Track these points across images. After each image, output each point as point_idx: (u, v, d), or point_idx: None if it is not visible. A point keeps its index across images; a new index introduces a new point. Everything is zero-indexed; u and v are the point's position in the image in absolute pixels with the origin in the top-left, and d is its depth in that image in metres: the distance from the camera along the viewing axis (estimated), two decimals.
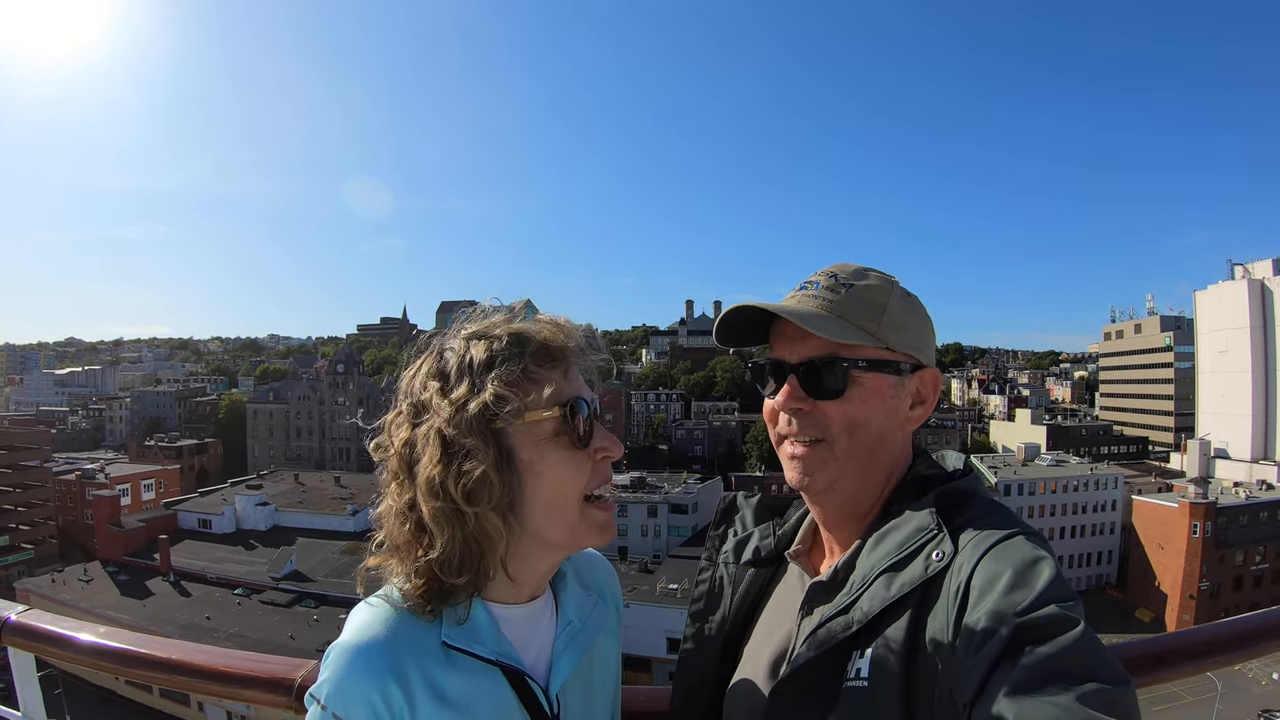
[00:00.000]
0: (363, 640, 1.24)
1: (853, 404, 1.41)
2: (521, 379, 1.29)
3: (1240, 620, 2.18)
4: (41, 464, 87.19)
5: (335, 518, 70.73)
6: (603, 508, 1.37)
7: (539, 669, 1.40)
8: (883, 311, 1.45)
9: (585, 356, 1.41)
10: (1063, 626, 1.06)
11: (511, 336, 1.33)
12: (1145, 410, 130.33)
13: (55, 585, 58.55)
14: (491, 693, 1.31)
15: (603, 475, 1.36)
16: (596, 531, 1.36)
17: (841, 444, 1.42)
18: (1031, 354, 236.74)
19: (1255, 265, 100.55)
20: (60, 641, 2.26)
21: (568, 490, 1.32)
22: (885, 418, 1.44)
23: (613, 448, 1.36)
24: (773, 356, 1.50)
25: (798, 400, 1.44)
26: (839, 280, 1.47)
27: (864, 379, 1.41)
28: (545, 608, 1.47)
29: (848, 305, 1.43)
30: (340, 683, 1.21)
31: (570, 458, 1.31)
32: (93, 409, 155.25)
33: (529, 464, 1.30)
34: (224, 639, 47.24)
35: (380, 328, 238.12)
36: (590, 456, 1.34)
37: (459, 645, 1.30)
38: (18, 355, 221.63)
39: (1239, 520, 68.30)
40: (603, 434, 1.36)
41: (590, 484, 1.34)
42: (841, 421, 1.41)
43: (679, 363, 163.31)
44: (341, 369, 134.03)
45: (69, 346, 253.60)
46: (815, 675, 1.30)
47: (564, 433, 1.31)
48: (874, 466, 1.45)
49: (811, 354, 1.43)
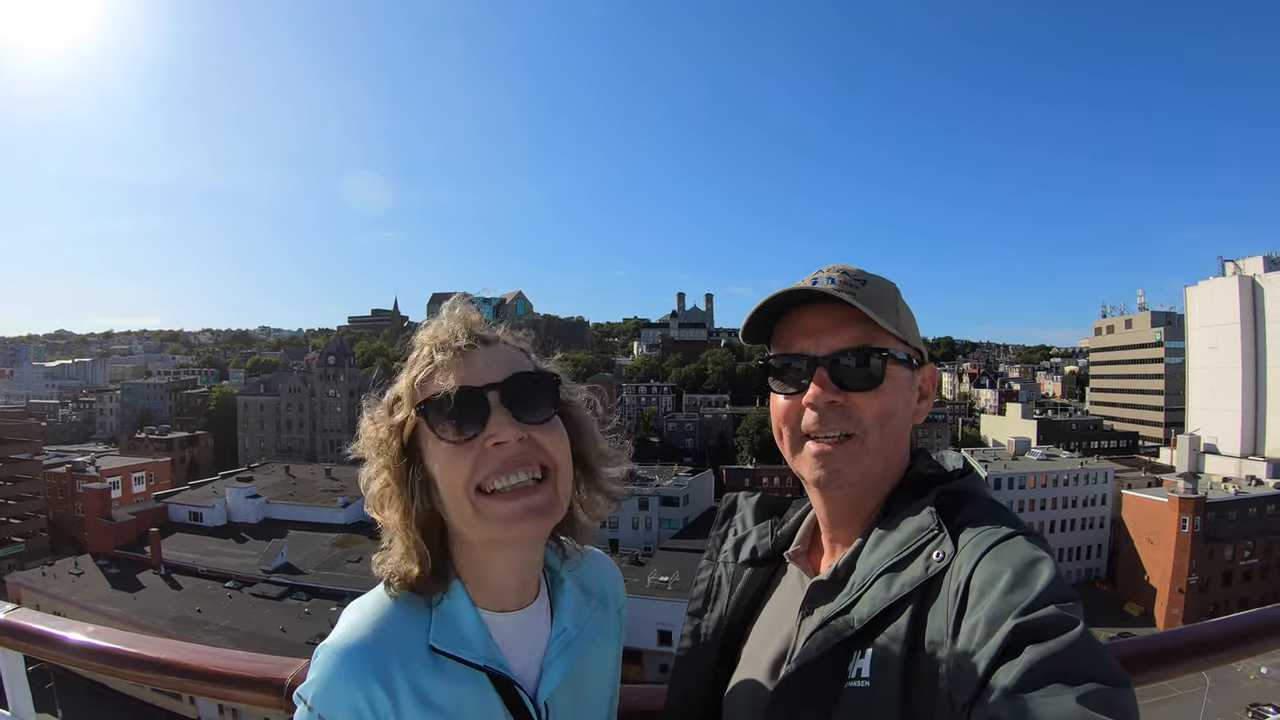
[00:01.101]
0: (350, 642, 1.24)
1: (886, 395, 1.41)
2: (410, 382, 1.33)
3: (1236, 619, 2.18)
4: (31, 457, 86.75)
5: (326, 510, 70.70)
6: (506, 498, 1.29)
7: (528, 676, 1.38)
8: (896, 306, 1.46)
9: (515, 342, 1.41)
10: (1062, 627, 1.06)
11: (433, 343, 1.35)
12: (1136, 405, 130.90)
13: (46, 579, 58.44)
14: (477, 698, 1.30)
15: (499, 464, 1.29)
16: (500, 525, 1.29)
17: (874, 437, 1.40)
18: (1022, 348, 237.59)
19: (1246, 261, 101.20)
20: (49, 641, 2.24)
21: (452, 485, 1.29)
22: (905, 410, 1.45)
23: (502, 433, 1.29)
24: (794, 351, 1.47)
25: (831, 394, 1.41)
26: (850, 276, 1.44)
27: (893, 370, 1.42)
28: (539, 614, 1.45)
29: (870, 297, 1.41)
30: (326, 684, 1.21)
31: (447, 451, 1.29)
32: (83, 401, 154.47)
33: (430, 466, 1.31)
34: (215, 632, 47.25)
35: (371, 319, 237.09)
36: (474, 447, 1.29)
37: (446, 650, 1.29)
38: (7, 347, 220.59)
39: (1228, 515, 68.90)
40: (500, 420, 1.29)
41: (477, 475, 1.28)
42: (875, 414, 1.40)
43: (670, 355, 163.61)
44: (332, 361, 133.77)
45: (59, 339, 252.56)
46: (816, 675, 1.29)
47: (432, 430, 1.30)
48: (896, 459, 1.45)
49: (844, 345, 1.41)
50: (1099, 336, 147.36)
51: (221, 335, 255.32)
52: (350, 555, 61.17)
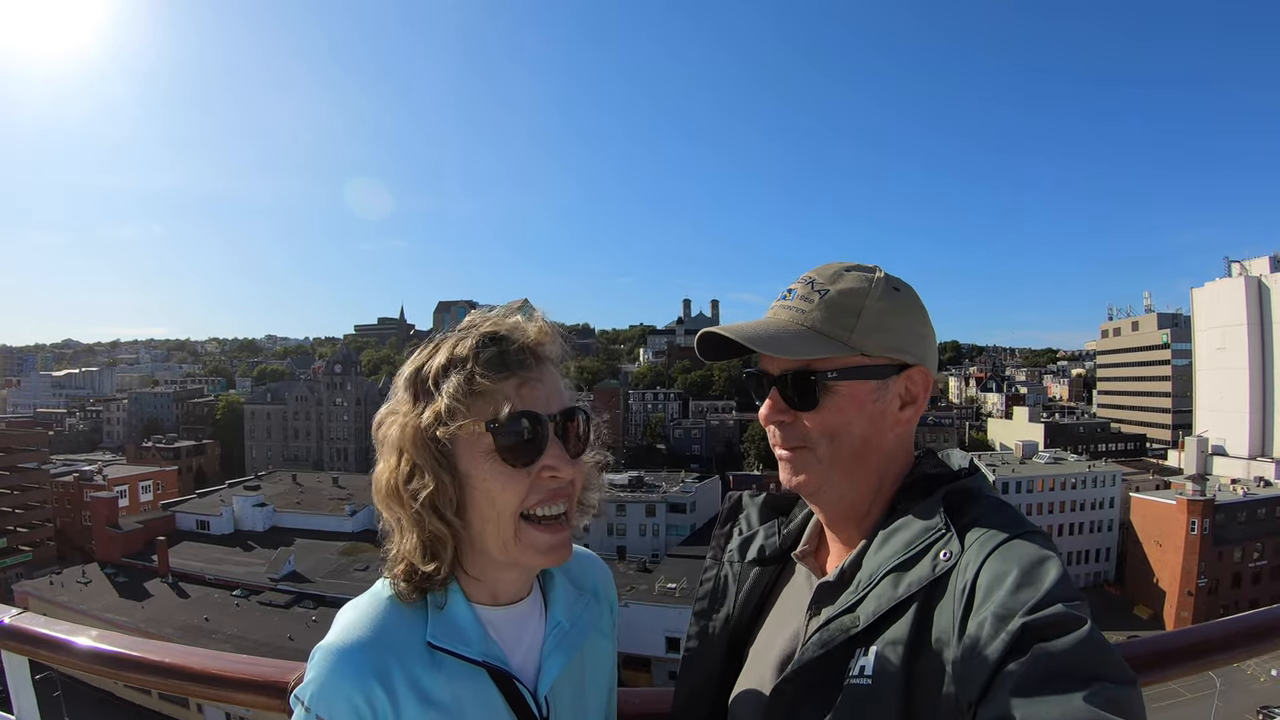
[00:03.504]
0: (347, 641, 1.24)
1: (829, 413, 1.41)
2: (466, 389, 1.26)
3: (1243, 618, 2.17)
4: (39, 466, 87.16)
5: (333, 518, 70.73)
6: (547, 529, 1.31)
7: (527, 671, 1.39)
8: (858, 316, 1.42)
9: (558, 362, 1.41)
10: (1069, 626, 1.05)
11: (482, 338, 1.30)
12: (1143, 407, 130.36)
13: (54, 587, 58.48)
14: (478, 694, 1.30)
15: (546, 494, 1.30)
16: (535, 553, 1.31)
17: (823, 449, 1.42)
18: (1029, 351, 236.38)
19: (1252, 262, 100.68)
20: (54, 645, 2.25)
21: (500, 507, 1.28)
22: (867, 422, 1.42)
23: (561, 468, 1.29)
24: (758, 368, 1.50)
25: (779, 412, 1.45)
26: (815, 287, 1.45)
27: (839, 388, 1.41)
28: (533, 609, 1.46)
29: (820, 315, 1.42)
30: (324, 684, 1.20)
31: (503, 472, 1.27)
32: (90, 410, 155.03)
33: (466, 475, 1.28)
34: (223, 640, 47.23)
35: (378, 328, 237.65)
36: (531, 474, 1.28)
37: (444, 646, 1.29)
38: (15, 357, 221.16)
39: (1237, 517, 68.42)
40: (556, 453, 1.30)
41: (528, 502, 1.29)
42: (819, 430, 1.41)
43: (676, 362, 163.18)
44: (339, 369, 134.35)
45: (66, 348, 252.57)
46: (818, 673, 1.29)
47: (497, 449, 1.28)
48: (863, 469, 1.44)
49: (785, 368, 1.43)
50: (1106, 339, 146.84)
51: (228, 344, 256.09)
52: (357, 563, 61.17)
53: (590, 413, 1.42)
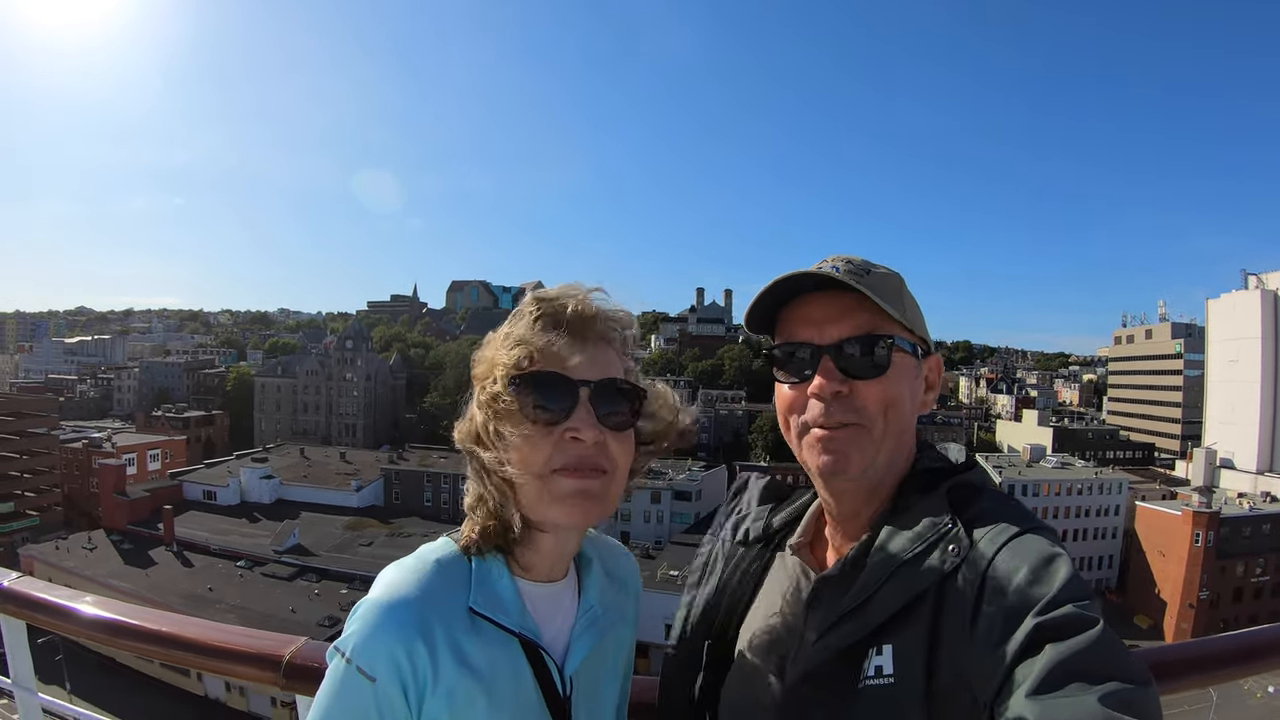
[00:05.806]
0: (394, 598, 1.25)
1: (890, 383, 1.38)
2: (508, 345, 1.32)
3: (1245, 635, 2.13)
4: (49, 431, 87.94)
5: (340, 493, 71.28)
6: (569, 475, 1.30)
7: (557, 647, 1.41)
8: (901, 294, 1.42)
9: (618, 344, 1.41)
10: (1082, 625, 1.04)
11: (539, 303, 1.35)
12: (1153, 416, 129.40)
13: (59, 552, 59.15)
14: (510, 663, 1.32)
15: (573, 458, 1.30)
16: (557, 502, 1.31)
17: (879, 426, 1.38)
18: (1040, 355, 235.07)
19: (1269, 275, 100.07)
20: (52, 610, 2.25)
21: (527, 464, 1.30)
22: (911, 399, 1.42)
23: (584, 430, 1.30)
24: (798, 340, 1.44)
25: (836, 383, 1.37)
26: (855, 265, 1.41)
27: (898, 358, 1.39)
28: (568, 589, 1.49)
29: (876, 284, 1.38)
30: (368, 637, 1.22)
31: (529, 432, 1.29)
32: (101, 378, 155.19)
33: (499, 432, 1.32)
34: (225, 610, 47.63)
35: (390, 305, 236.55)
36: (555, 435, 1.30)
37: (485, 612, 1.31)
38: (28, 323, 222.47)
39: (1241, 531, 68.25)
40: (584, 417, 1.31)
41: (550, 464, 1.30)
42: (880, 402, 1.37)
43: (687, 350, 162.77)
44: (350, 345, 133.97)
45: (79, 315, 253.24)
46: (830, 674, 1.28)
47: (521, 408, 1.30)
48: (901, 450, 1.42)
49: (848, 333, 1.38)
50: (1118, 346, 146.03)
51: (240, 316, 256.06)
52: (361, 539, 61.61)
53: (646, 392, 1.42)
